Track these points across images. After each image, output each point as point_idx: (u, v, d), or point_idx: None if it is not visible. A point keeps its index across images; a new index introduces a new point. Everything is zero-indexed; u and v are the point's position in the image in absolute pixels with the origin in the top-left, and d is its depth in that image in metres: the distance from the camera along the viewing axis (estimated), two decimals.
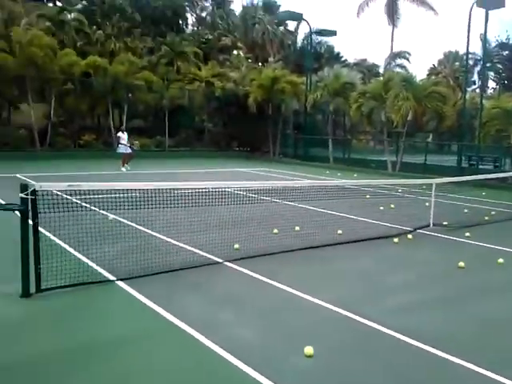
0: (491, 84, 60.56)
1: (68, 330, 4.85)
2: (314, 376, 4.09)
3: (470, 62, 46.41)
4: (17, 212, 5.58)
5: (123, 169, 19.74)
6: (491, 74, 59.32)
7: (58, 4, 46.13)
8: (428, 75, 50.25)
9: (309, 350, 4.42)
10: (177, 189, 8.03)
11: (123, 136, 20.39)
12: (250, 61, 48.82)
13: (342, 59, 52.87)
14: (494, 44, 56.98)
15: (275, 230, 9.16)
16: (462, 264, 7.40)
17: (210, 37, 48.13)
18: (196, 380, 4.02)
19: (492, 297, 6.30)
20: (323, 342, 4.71)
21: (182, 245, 7.90)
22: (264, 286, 6.32)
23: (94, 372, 4.06)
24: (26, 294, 5.55)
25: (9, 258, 6.44)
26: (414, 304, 5.85)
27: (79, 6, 43.00)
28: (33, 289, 5.58)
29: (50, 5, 47.51)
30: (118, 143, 20.54)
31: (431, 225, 10.15)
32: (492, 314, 5.65)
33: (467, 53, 24.49)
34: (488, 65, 57.42)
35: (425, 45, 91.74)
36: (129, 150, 20.38)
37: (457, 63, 51.84)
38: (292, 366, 4.25)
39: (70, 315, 5.25)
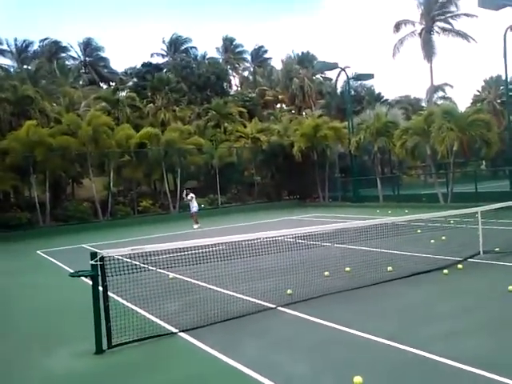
0: None
1: (137, 381, 5.38)
2: None
3: None
4: (83, 278, 6.29)
5: (195, 226, 20.95)
6: None
7: (112, 84, 49.96)
8: (472, 103, 49.70)
9: (358, 379, 4.73)
10: (230, 242, 8.55)
11: (187, 198, 21.92)
12: (293, 112, 50.26)
13: (383, 99, 53.34)
14: None
15: (326, 273, 9.50)
16: (511, 288, 7.46)
17: (253, 94, 50.15)
18: None
19: None
20: (372, 371, 5.00)
21: (237, 295, 8.40)
22: (316, 326, 6.66)
23: None
24: (99, 350, 6.18)
25: (81, 320, 7.16)
26: (460, 330, 6.01)
27: (130, 84, 46.34)
28: (105, 345, 6.22)
29: (104, 85, 51.51)
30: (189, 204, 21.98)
31: (481, 253, 10.17)
32: None
33: (506, 76, 24.40)
34: None
35: (467, 74, 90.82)
36: (193, 210, 21.71)
37: (502, 87, 51.02)
38: None
39: (138, 367, 5.79)
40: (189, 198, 22.04)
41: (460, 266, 9.48)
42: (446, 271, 9.10)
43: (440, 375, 4.85)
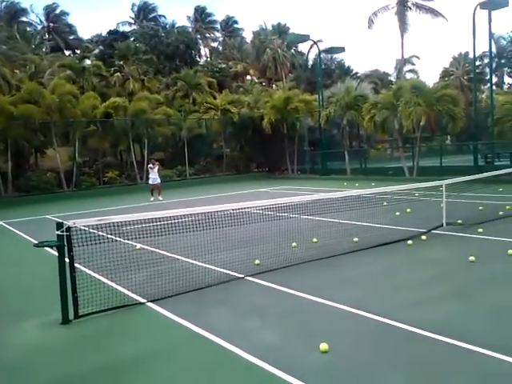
0: (507, 80, 60.18)
1: (105, 350, 5.35)
2: (330, 369, 4.49)
3: (486, 61, 46.39)
4: (48, 249, 6.17)
5: (151, 199, 20.66)
6: (506, 69, 58.99)
7: (77, 51, 48.36)
8: (440, 78, 50.38)
9: (324, 346, 4.84)
10: (197, 213, 8.50)
11: (152, 168, 21.26)
12: (263, 84, 49.88)
13: (353, 73, 53.50)
14: (506, 40, 56.81)
15: (294, 244, 9.60)
16: (472, 258, 7.72)
17: (223, 65, 49.44)
18: (221, 382, 4.48)
19: (498, 286, 6.59)
20: (338, 338, 5.11)
21: (205, 265, 8.42)
22: (283, 294, 6.76)
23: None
24: (66, 320, 6.12)
25: (47, 291, 7.06)
26: (423, 298, 6.19)
27: (96, 52, 44.95)
28: (71, 316, 6.15)
29: (68, 52, 49.80)
30: (152, 175, 21.36)
31: (444, 224, 10.45)
32: (500, 302, 5.95)
33: (474, 54, 24.75)
34: (503, 61, 57.21)
35: (436, 49, 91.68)
36: (157, 181, 21.19)
37: (467, 64, 51.88)
38: (309, 361, 4.67)
39: (106, 336, 5.77)
40: (155, 169, 21.29)
41: (424, 237, 9.73)
42: (410, 242, 9.33)
43: (405, 342, 4.99)
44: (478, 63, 26.91)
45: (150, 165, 21.60)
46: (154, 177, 21.22)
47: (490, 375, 4.20)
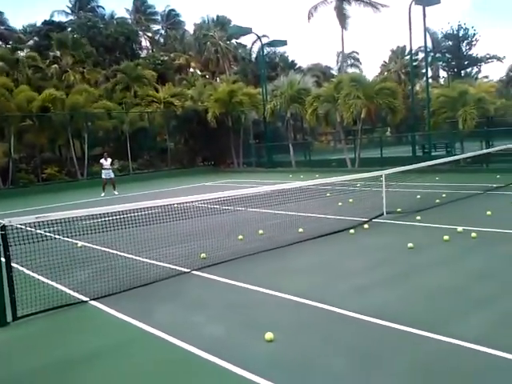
0: (442, 73, 62.77)
1: (45, 351, 5.16)
2: (276, 358, 4.55)
3: (421, 55, 48.13)
4: None
5: (116, 192, 20.38)
6: (441, 63, 61.47)
7: (10, 42, 46.03)
8: (380, 73, 51.87)
9: (269, 335, 4.90)
10: (140, 209, 8.34)
11: (105, 162, 20.99)
12: (207, 77, 49.52)
13: (297, 66, 54.10)
14: (440, 35, 59.15)
15: (240, 237, 9.63)
16: (411, 245, 8.04)
17: (165, 58, 48.58)
18: (172, 378, 4.42)
19: (435, 270, 6.92)
20: (283, 327, 5.19)
21: (150, 261, 8.29)
22: (229, 287, 6.78)
23: None
24: (3, 322, 5.85)
25: None
26: (365, 285, 6.39)
27: (31, 43, 42.99)
28: (9, 318, 5.90)
29: (0, 43, 47.33)
30: (102, 169, 21.18)
31: (385, 213, 10.81)
32: (434, 285, 6.25)
33: (410, 48, 25.73)
34: (438, 55, 59.59)
35: (376, 43, 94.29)
36: (111, 176, 20.98)
37: (406, 58, 53.60)
38: (254, 350, 4.72)
39: (46, 337, 5.58)
40: (107, 163, 21.04)
41: (366, 226, 10.03)
42: (352, 231, 9.59)
43: (348, 328, 5.13)
44: (414, 57, 27.95)
45: (103, 159, 21.26)
46: (108, 171, 21.00)
47: (428, 354, 4.39)
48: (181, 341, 5.04)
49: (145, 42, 57.77)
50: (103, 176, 21.12)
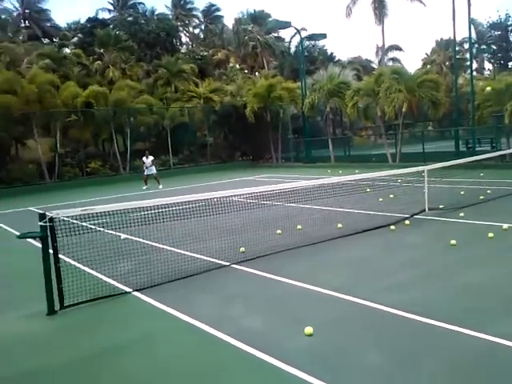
0: (487, 65, 60.79)
1: (90, 339, 5.36)
2: (315, 351, 4.58)
3: (466, 47, 46.75)
4: (32, 241, 6.11)
5: (160, 186, 21.01)
6: (486, 55, 59.52)
7: (55, 39, 47.41)
8: (422, 65, 50.65)
9: (308, 329, 4.92)
10: (180, 203, 8.48)
11: (147, 161, 21.85)
12: (246, 71, 49.62)
13: (336, 59, 53.49)
14: (486, 26, 57.25)
15: (278, 231, 9.67)
16: (453, 242, 7.86)
17: (205, 53, 48.98)
18: (210, 368, 4.52)
19: (478, 268, 6.75)
20: (322, 322, 5.20)
21: (191, 254, 8.43)
22: (268, 281, 6.83)
23: (115, 372, 4.57)
24: (51, 311, 6.11)
25: (32, 282, 7.00)
26: (405, 282, 6.32)
27: (75, 40, 44.15)
28: (57, 307, 6.14)
29: (46, 40, 48.82)
30: (145, 167, 22.00)
31: (427, 209, 10.60)
32: (476, 283, 6.11)
33: (454, 39, 24.93)
34: (483, 47, 57.69)
35: (419, 36, 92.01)
36: (153, 171, 21.79)
37: (450, 49, 52.10)
38: (294, 344, 4.75)
39: (91, 326, 5.78)
40: (149, 161, 21.89)
41: (407, 222, 9.87)
42: (393, 227, 9.46)
43: (387, 324, 5.10)
44: (458, 48, 27.14)
45: (144, 157, 22.13)
46: (150, 168, 21.82)
47: (467, 352, 4.33)
48: (220, 332, 5.13)
49: (185, 38, 58.43)
50: (145, 173, 21.77)
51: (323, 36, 34.17)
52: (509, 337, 4.48)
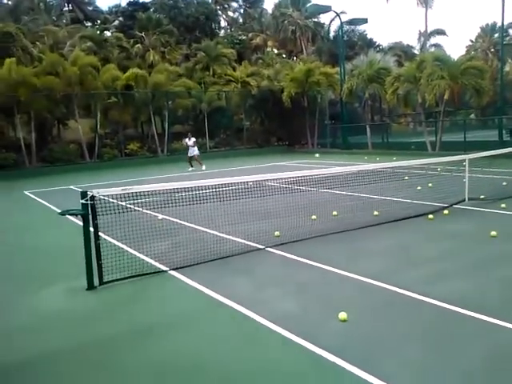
0: None
1: (128, 316, 5.50)
2: (348, 337, 4.58)
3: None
4: (72, 218, 6.26)
5: (203, 167, 21.40)
6: None
7: (97, 23, 48.16)
8: (466, 52, 49.03)
9: (343, 315, 4.92)
10: (217, 185, 8.54)
11: (189, 142, 22.20)
12: (284, 56, 49.23)
13: (376, 45, 52.40)
14: None
15: (313, 217, 9.63)
16: (494, 233, 7.66)
17: (244, 37, 48.82)
18: (243, 347, 4.59)
19: None
20: (357, 308, 5.18)
21: (226, 236, 8.52)
22: (303, 265, 6.83)
23: (154, 348, 4.68)
24: (91, 287, 6.30)
25: (73, 258, 7.25)
26: (444, 272, 6.20)
27: (116, 23, 44.74)
28: (96, 282, 6.33)
29: (89, 24, 49.64)
30: (188, 147, 22.34)
31: (467, 199, 10.34)
32: None
33: (502, 23, 24.07)
34: None
35: (463, 21, 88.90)
36: (195, 153, 22.05)
37: (496, 35, 50.21)
38: (328, 329, 4.76)
39: (128, 302, 5.93)
40: (191, 142, 22.17)
41: (446, 211, 9.67)
42: (431, 216, 9.28)
43: (422, 313, 5.03)
44: (505, 34, 26.06)
45: (187, 139, 22.42)
46: (193, 149, 22.11)
47: (503, 345, 4.24)
48: (254, 313, 5.18)
49: (223, 22, 58.31)
50: (189, 154, 22.01)
51: (364, 21, 33.49)
52: None
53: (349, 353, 4.24)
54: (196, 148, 22.24)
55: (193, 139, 22.28)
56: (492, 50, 48.87)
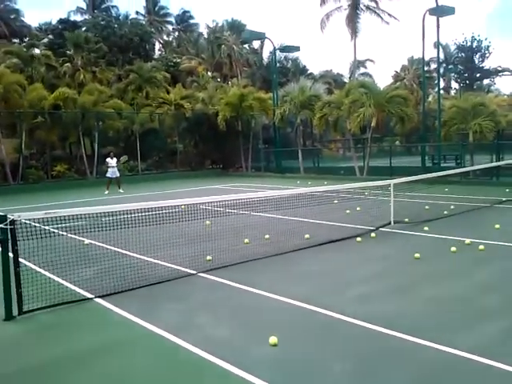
0: (454, 85, 62.58)
1: (49, 346, 5.19)
2: (279, 362, 4.55)
3: (434, 66, 48.07)
4: None
5: (106, 192, 20.65)
6: (453, 75, 61.30)
7: (25, 39, 46.41)
8: (392, 82, 51.76)
9: (273, 339, 4.90)
10: (147, 209, 8.34)
11: (111, 161, 21.42)
12: (219, 80, 49.66)
13: (308, 72, 54.14)
14: (453, 47, 59.03)
15: (246, 240, 9.64)
16: (417, 255, 8.01)
17: (178, 60, 48.82)
18: (173, 378, 4.43)
19: (441, 281, 6.88)
20: (287, 332, 5.18)
21: (156, 261, 8.32)
22: (235, 290, 6.78)
23: (74, 380, 4.42)
24: (9, 317, 5.90)
25: None
26: (370, 294, 6.37)
27: (45, 41, 43.33)
28: (15, 312, 5.94)
29: (16, 40, 47.76)
30: (107, 168, 21.58)
31: (392, 222, 10.78)
32: (439, 296, 6.22)
33: (423, 58, 25.63)
34: (450, 67, 59.44)
35: (389, 53, 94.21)
36: (116, 174, 21.43)
37: (419, 67, 53.46)
38: (258, 354, 4.72)
39: (50, 332, 5.60)
40: (114, 161, 21.51)
41: (373, 234, 10.00)
42: (359, 239, 9.57)
43: (352, 335, 5.12)
44: (426, 68, 27.92)
45: (109, 158, 21.64)
46: (113, 170, 21.41)
47: (429, 365, 4.38)
48: (185, 341, 5.05)
49: (158, 44, 58.14)
50: (108, 175, 21.51)
51: (296, 48, 34.54)
52: (470, 350, 4.56)
53: (279, 378, 4.22)
54: (116, 169, 21.64)
55: (115, 159, 21.65)
56: (416, 81, 51.91)
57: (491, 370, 4.23)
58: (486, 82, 58.95)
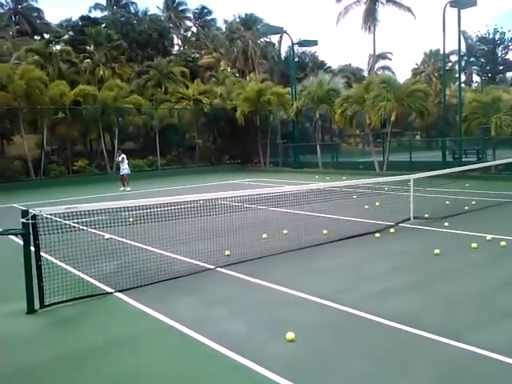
0: (476, 78, 61.56)
1: (70, 339, 5.28)
2: (295, 357, 4.56)
3: (454, 59, 47.32)
4: (13, 237, 6.00)
5: (125, 188, 20.78)
6: (475, 68, 60.31)
7: (46, 36, 47.00)
8: (412, 76, 51.14)
9: (290, 335, 4.90)
10: (167, 204, 8.40)
11: (117, 159, 21.75)
12: (237, 75, 49.63)
13: (327, 66, 53.77)
14: (475, 39, 58.04)
15: (264, 235, 9.64)
16: (437, 251, 7.91)
17: (197, 55, 48.93)
18: (188, 371, 4.47)
19: (461, 278, 6.80)
20: (304, 328, 5.17)
21: (175, 256, 8.38)
22: (252, 285, 6.79)
23: (95, 372, 4.50)
24: (31, 310, 6.01)
25: (13, 280, 6.91)
26: (389, 290, 6.32)
27: (66, 37, 43.80)
28: (37, 305, 6.05)
29: (37, 37, 48.41)
30: (120, 165, 21.71)
31: (411, 218, 10.66)
32: (459, 293, 6.14)
33: (444, 51, 25.27)
34: (472, 59, 58.47)
35: (409, 46, 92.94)
36: (123, 172, 21.48)
37: (439, 60, 52.72)
38: (275, 350, 4.72)
39: (72, 326, 5.69)
40: (119, 158, 21.67)
41: (392, 230, 9.92)
42: (377, 235, 9.49)
43: (369, 331, 5.09)
44: (447, 60, 27.51)
45: (120, 157, 21.80)
46: (123, 167, 21.53)
47: (445, 361, 4.34)
48: (201, 335, 5.08)
49: (176, 39, 58.33)
50: (122, 172, 21.55)
51: (314, 42, 34.29)
52: (488, 347, 4.50)
53: (296, 373, 4.22)
54: (126, 166, 21.61)
55: (122, 155, 21.72)
56: (435, 74, 51.19)
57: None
58: (509, 74, 57.88)
